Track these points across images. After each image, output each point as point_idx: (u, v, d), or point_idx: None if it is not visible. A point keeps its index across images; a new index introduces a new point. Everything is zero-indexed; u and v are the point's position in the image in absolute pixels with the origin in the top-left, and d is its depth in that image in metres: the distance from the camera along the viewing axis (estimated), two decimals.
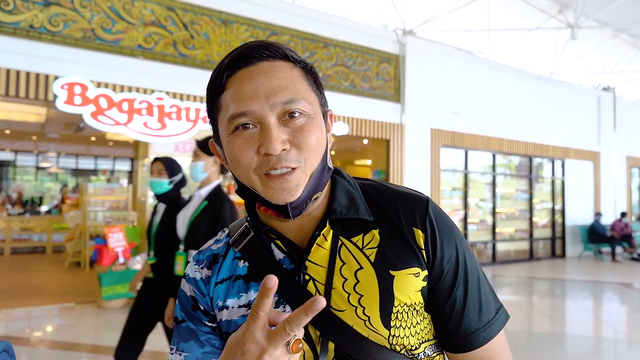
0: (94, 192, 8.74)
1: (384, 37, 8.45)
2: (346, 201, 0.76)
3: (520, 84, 10.40)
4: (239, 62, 0.71)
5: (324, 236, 0.74)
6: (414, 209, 0.75)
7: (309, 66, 0.75)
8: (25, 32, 5.41)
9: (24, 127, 9.96)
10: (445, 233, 0.75)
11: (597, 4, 8.87)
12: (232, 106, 0.70)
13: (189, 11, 6.47)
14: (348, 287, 0.72)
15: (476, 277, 0.76)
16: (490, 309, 0.76)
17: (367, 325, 0.70)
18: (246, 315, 0.74)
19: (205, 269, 0.81)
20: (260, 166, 0.69)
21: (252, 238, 0.78)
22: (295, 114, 0.69)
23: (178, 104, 6.29)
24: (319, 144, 0.71)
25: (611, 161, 12.50)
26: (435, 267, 0.73)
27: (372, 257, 0.73)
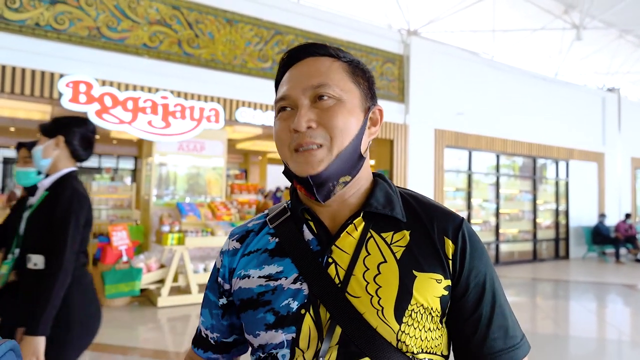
0: (97, 190, 8.77)
1: (389, 37, 8.44)
2: (384, 199, 0.81)
3: (524, 84, 10.36)
4: (292, 60, 0.82)
5: (355, 226, 0.79)
6: (449, 221, 0.80)
7: (355, 62, 0.83)
8: (31, 30, 5.43)
9: (28, 124, 9.99)
10: (476, 250, 0.79)
11: (602, 5, 8.83)
12: (278, 93, 0.82)
13: (194, 10, 6.48)
14: (368, 277, 0.75)
15: (503, 300, 0.79)
16: (517, 334, 0.78)
17: (379, 315, 0.72)
18: (263, 286, 0.79)
19: (235, 241, 0.89)
20: (292, 142, 0.77)
21: (288, 217, 0.84)
22: (324, 97, 0.77)
23: (182, 103, 6.30)
24: (346, 127, 0.76)
25: (616, 162, 12.45)
26: (462, 279, 0.76)
27: (398, 255, 0.76)
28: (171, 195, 7.05)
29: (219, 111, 6.55)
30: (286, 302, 0.75)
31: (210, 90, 6.62)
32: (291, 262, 0.78)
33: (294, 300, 0.75)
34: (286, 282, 0.77)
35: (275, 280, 0.78)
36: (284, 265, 0.79)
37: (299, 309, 0.74)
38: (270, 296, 0.77)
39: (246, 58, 6.91)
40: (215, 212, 6.54)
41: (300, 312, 0.74)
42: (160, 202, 6.85)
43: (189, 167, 7.24)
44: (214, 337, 0.90)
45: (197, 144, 7.01)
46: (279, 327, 0.75)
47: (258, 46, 7.01)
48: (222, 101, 6.70)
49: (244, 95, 6.89)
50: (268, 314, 0.76)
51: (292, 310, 0.75)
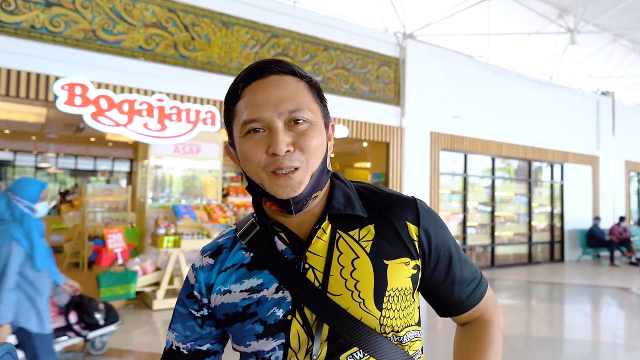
0: (93, 193, 8.73)
1: (384, 40, 8.47)
2: (343, 200, 0.86)
3: (519, 88, 10.42)
4: (253, 75, 0.81)
5: (324, 229, 0.84)
6: (406, 207, 0.87)
7: (313, 81, 0.85)
8: (26, 32, 5.42)
9: (23, 127, 9.95)
10: (435, 224, 0.88)
11: (596, 9, 8.90)
12: (246, 113, 0.80)
13: (190, 13, 6.48)
14: (345, 274, 0.80)
15: (463, 254, 0.93)
16: (477, 271, 0.95)
17: (361, 307, 0.79)
18: (247, 299, 0.82)
19: (208, 257, 0.90)
20: (268, 165, 0.78)
21: (258, 232, 0.87)
22: (299, 121, 0.79)
23: (178, 106, 6.29)
24: (319, 148, 0.81)
25: (610, 165, 12.53)
26: (432, 253, 0.86)
27: (367, 248, 0.83)
28: (167, 198, 7.04)
29: (215, 114, 6.54)
30: (271, 311, 0.80)
31: (206, 93, 6.62)
32: (269, 274, 0.82)
33: (279, 308, 0.80)
34: (268, 293, 0.81)
35: (257, 292, 0.82)
36: (263, 277, 0.83)
37: (285, 315, 0.79)
38: (255, 307, 0.81)
39: (242, 61, 6.91)
40: (211, 215, 6.53)
41: (286, 319, 0.79)
42: (156, 204, 6.83)
43: (185, 170, 7.23)
44: (188, 346, 0.91)
45: (193, 146, 7.00)
46: (269, 336, 0.80)
47: (254, 49, 7.02)
48: (218, 104, 6.70)
49: None
50: (256, 324, 0.81)
51: (278, 318, 0.79)
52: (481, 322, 0.94)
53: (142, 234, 6.83)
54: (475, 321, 0.95)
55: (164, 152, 6.80)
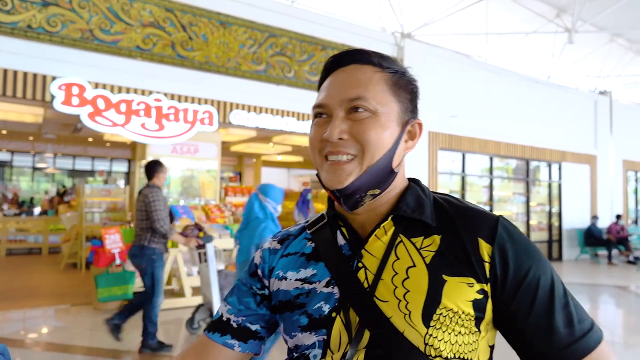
0: (90, 193, 8.71)
1: (382, 40, 8.46)
2: (414, 204, 0.81)
3: (517, 87, 10.43)
4: (336, 63, 0.83)
5: (385, 230, 0.80)
6: (482, 223, 0.77)
7: (399, 73, 0.82)
8: (23, 32, 5.40)
9: (20, 127, 9.92)
10: (519, 246, 0.75)
11: (594, 8, 8.91)
12: (317, 98, 0.83)
13: (187, 13, 6.47)
14: (397, 281, 0.75)
15: (562, 292, 0.74)
16: (584, 324, 0.73)
17: (406, 320, 0.72)
18: (299, 288, 0.83)
19: (276, 242, 0.93)
20: (323, 148, 0.79)
21: (324, 224, 0.87)
22: (359, 109, 0.77)
23: (176, 106, 6.28)
24: (378, 141, 0.76)
25: (607, 165, 12.55)
26: (509, 280, 0.73)
27: (427, 259, 0.75)
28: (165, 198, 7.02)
29: (212, 114, 6.53)
30: (318, 305, 0.79)
31: (204, 93, 6.60)
32: (324, 267, 0.81)
33: (326, 303, 0.78)
34: (319, 286, 0.80)
35: (309, 283, 0.82)
36: (318, 269, 0.82)
37: (330, 312, 0.77)
38: (304, 299, 0.81)
39: (240, 60, 6.90)
40: (209, 215, 6.52)
41: (331, 315, 0.77)
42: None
43: (183, 170, 7.22)
44: (239, 320, 0.90)
45: (191, 146, 6.99)
46: (312, 330, 0.78)
47: (252, 49, 7.01)
48: (216, 104, 6.68)
49: (237, 97, 6.89)
50: (302, 316, 0.80)
51: (323, 314, 0.78)
52: None
53: None
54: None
55: (161, 152, 6.78)
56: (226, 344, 0.89)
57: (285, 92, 7.33)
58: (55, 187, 15.48)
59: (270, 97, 7.18)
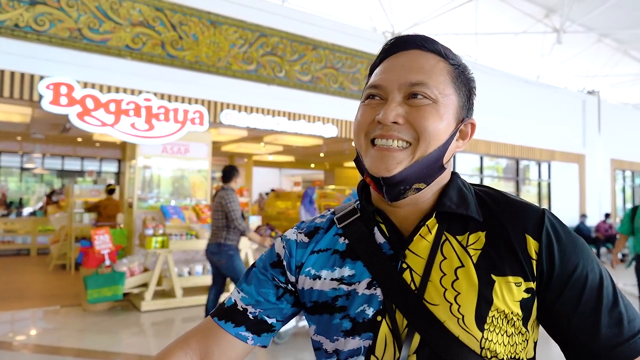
0: (80, 194, 8.64)
1: (373, 40, 8.49)
2: (457, 198, 0.77)
3: (507, 87, 10.51)
4: (398, 46, 0.77)
5: (429, 228, 0.75)
6: (528, 217, 0.73)
7: (461, 68, 0.78)
8: (10, 31, 5.33)
9: (8, 127, 9.80)
10: (566, 242, 0.72)
11: (582, 9, 9.01)
12: (372, 79, 0.77)
13: (177, 12, 6.43)
14: (446, 283, 0.71)
15: (611, 290, 0.71)
16: (635, 324, 0.70)
17: (459, 324, 0.69)
18: (337, 289, 0.77)
19: (304, 235, 0.86)
20: (371, 130, 0.74)
21: (357, 218, 0.81)
22: (418, 95, 0.72)
23: (166, 105, 6.25)
24: (436, 133, 0.71)
25: (596, 163, 12.69)
26: (555, 276, 0.70)
27: (474, 258, 0.72)
28: (155, 198, 6.98)
29: (203, 113, 6.50)
30: (361, 309, 0.74)
31: (194, 93, 6.58)
32: (363, 266, 0.76)
33: (369, 306, 0.73)
34: (360, 287, 0.75)
35: (348, 284, 0.77)
36: (356, 269, 0.77)
37: (375, 315, 0.73)
38: (344, 302, 0.76)
39: (230, 60, 6.88)
40: (200, 215, 6.49)
41: (376, 319, 0.72)
42: (144, 205, 6.77)
43: (174, 170, 7.18)
44: (255, 312, 0.83)
45: (182, 146, 6.95)
46: (356, 334, 0.74)
47: (242, 48, 6.99)
48: (207, 103, 6.66)
49: (228, 97, 6.87)
50: (344, 320, 0.75)
51: (367, 317, 0.73)
52: None
53: (130, 235, 6.77)
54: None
55: (152, 152, 6.74)
56: (239, 335, 0.83)
57: (276, 91, 7.32)
58: (43, 187, 15.34)
59: (261, 96, 7.16)
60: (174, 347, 0.82)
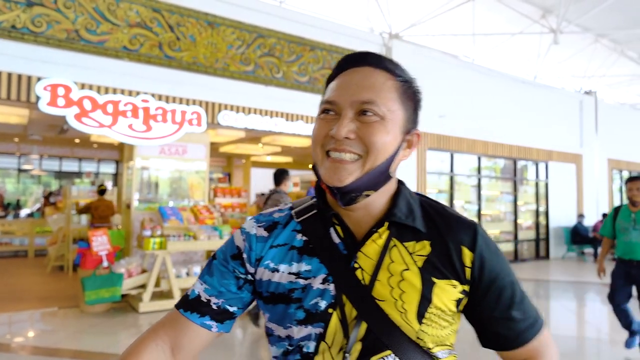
0: (77, 195, 8.62)
1: (371, 41, 8.50)
2: (406, 210, 0.86)
3: (504, 87, 10.53)
4: (350, 63, 0.85)
5: (380, 234, 0.84)
6: (465, 232, 0.85)
7: (409, 84, 0.86)
8: (7, 32, 5.33)
9: (5, 128, 9.78)
10: (492, 253, 0.86)
11: (578, 9, 9.04)
12: (327, 94, 0.85)
13: (175, 13, 6.43)
14: (392, 282, 0.81)
15: (519, 291, 0.89)
16: (533, 312, 0.90)
17: (402, 318, 0.80)
18: (293, 282, 0.84)
19: (263, 229, 0.92)
20: (326, 143, 0.81)
21: (315, 215, 0.89)
22: (368, 112, 0.80)
23: (164, 106, 6.24)
24: (383, 146, 0.80)
25: (593, 163, 12.72)
26: (483, 281, 0.84)
27: (419, 263, 0.82)
28: (153, 200, 6.98)
29: (201, 114, 6.50)
30: (315, 301, 0.82)
31: (192, 94, 6.57)
32: (319, 262, 0.84)
33: (322, 299, 0.82)
34: (315, 282, 0.83)
35: (304, 279, 0.84)
36: (312, 265, 0.84)
37: (327, 308, 0.81)
38: (300, 294, 0.83)
39: (228, 61, 6.88)
40: (198, 216, 6.49)
41: (327, 311, 0.81)
42: (142, 206, 6.76)
43: (171, 171, 7.18)
44: (219, 302, 0.90)
45: (179, 147, 6.95)
46: (309, 323, 0.82)
47: (240, 49, 7.00)
48: (204, 104, 6.66)
49: (226, 98, 6.87)
50: (299, 310, 0.83)
51: (320, 309, 0.81)
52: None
53: (128, 236, 6.76)
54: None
55: (149, 153, 6.73)
56: (205, 325, 0.89)
57: (273, 92, 7.32)
58: (41, 189, 15.30)
59: (259, 97, 7.17)
60: (145, 339, 0.88)
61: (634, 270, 4.12)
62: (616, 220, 4.29)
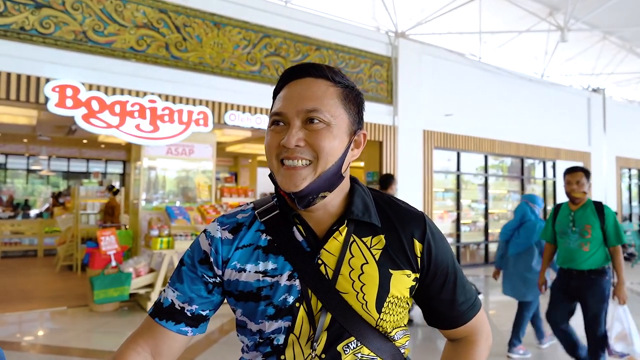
0: (85, 195, 8.69)
1: (377, 40, 8.48)
2: (362, 207, 0.92)
3: (511, 85, 10.47)
4: (292, 75, 0.90)
5: (340, 231, 0.90)
6: (415, 225, 0.94)
7: (349, 89, 0.91)
8: (16, 34, 5.38)
9: (14, 129, 9.88)
10: (438, 243, 0.95)
11: (586, 7, 8.96)
12: (274, 106, 0.90)
13: (181, 14, 6.46)
14: (353, 276, 0.88)
15: (461, 274, 1.00)
16: (472, 295, 1.01)
17: (363, 308, 0.87)
18: (261, 281, 0.89)
19: (227, 232, 0.95)
20: (279, 154, 0.86)
21: (277, 215, 0.94)
22: (314, 120, 0.85)
23: (170, 107, 6.28)
24: (331, 150, 0.86)
25: (601, 162, 12.62)
26: (431, 269, 0.93)
27: (377, 256, 0.90)
28: (160, 199, 7.02)
29: (207, 114, 6.53)
30: (283, 297, 0.87)
31: (198, 94, 6.60)
32: (284, 260, 0.89)
33: (290, 295, 0.87)
34: (282, 279, 0.88)
35: (271, 277, 0.89)
36: (278, 263, 0.89)
37: (294, 302, 0.87)
38: (269, 291, 0.88)
39: (234, 61, 6.90)
40: (205, 216, 6.52)
41: (295, 305, 0.87)
42: (149, 206, 6.81)
43: (178, 171, 7.21)
44: (192, 309, 0.93)
45: (186, 147, 6.98)
46: (279, 318, 0.87)
47: (246, 49, 7.01)
48: (211, 104, 6.68)
49: (232, 98, 6.89)
50: (269, 307, 0.88)
51: (288, 304, 0.87)
52: (469, 341, 1.02)
53: (136, 235, 6.81)
54: (463, 340, 1.03)
55: (156, 153, 6.77)
56: (181, 331, 0.93)
57: None
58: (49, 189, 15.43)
59: (265, 97, 7.18)
60: (127, 349, 0.92)
61: (574, 281, 3.44)
62: (555, 222, 3.61)
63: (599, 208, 3.48)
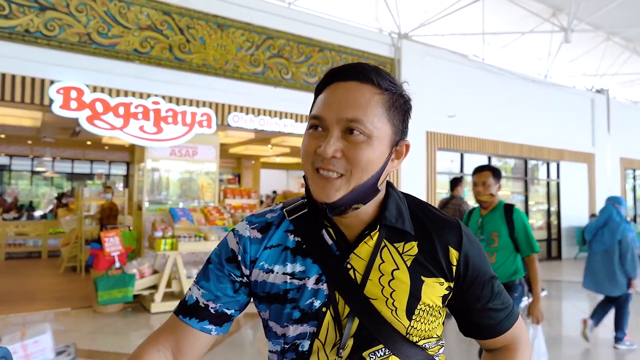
0: (89, 197, 8.71)
1: (380, 41, 8.49)
2: (395, 213, 0.90)
3: (515, 86, 10.45)
4: (337, 76, 0.85)
5: (371, 236, 0.87)
6: (451, 233, 0.90)
7: (397, 94, 0.86)
8: (20, 36, 5.41)
9: (19, 131, 9.92)
10: (475, 252, 0.92)
11: (590, 7, 8.94)
12: (315, 109, 0.85)
13: (185, 16, 6.48)
14: (383, 281, 0.86)
15: (498, 284, 0.96)
16: (510, 303, 0.97)
17: (393, 314, 0.84)
18: (288, 283, 0.87)
19: (256, 231, 0.94)
20: (315, 160, 0.83)
21: (306, 214, 0.92)
22: (354, 131, 0.80)
23: (174, 108, 6.29)
24: (370, 164, 0.81)
25: (605, 163, 12.58)
26: (468, 277, 0.90)
27: (408, 263, 0.87)
28: (164, 201, 7.03)
29: (211, 116, 6.55)
30: (310, 301, 0.85)
31: (202, 95, 6.62)
32: (312, 263, 0.87)
33: (317, 299, 0.85)
34: (309, 282, 0.86)
35: (299, 279, 0.87)
36: (306, 265, 0.88)
37: (321, 307, 0.85)
38: (295, 294, 0.87)
39: (238, 63, 6.92)
40: (208, 217, 6.53)
41: (321, 310, 0.85)
42: (153, 207, 6.82)
43: (182, 172, 7.23)
44: (216, 307, 0.92)
45: (190, 149, 7.00)
46: (304, 322, 0.86)
47: (249, 51, 7.03)
48: (214, 106, 6.70)
49: (236, 99, 6.90)
50: (295, 310, 0.86)
51: (314, 308, 0.85)
52: (509, 349, 0.99)
53: (139, 237, 6.83)
54: (504, 349, 0.99)
55: (160, 154, 6.79)
56: (204, 329, 0.92)
57: (283, 93, 7.35)
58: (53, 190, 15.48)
59: (268, 99, 7.19)
60: (147, 346, 0.91)
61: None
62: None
63: (508, 212, 3.04)
